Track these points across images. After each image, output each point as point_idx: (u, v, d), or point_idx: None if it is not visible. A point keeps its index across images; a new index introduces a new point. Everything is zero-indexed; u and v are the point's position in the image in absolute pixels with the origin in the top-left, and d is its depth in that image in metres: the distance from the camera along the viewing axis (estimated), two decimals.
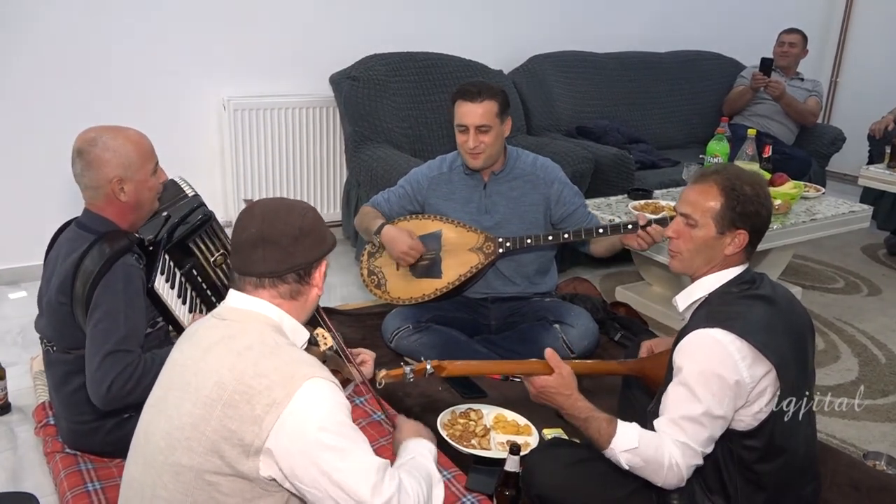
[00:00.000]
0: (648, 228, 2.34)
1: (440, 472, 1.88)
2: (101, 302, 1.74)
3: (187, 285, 2.06)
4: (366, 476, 1.23)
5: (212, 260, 2.09)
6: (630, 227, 2.38)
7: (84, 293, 1.75)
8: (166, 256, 1.98)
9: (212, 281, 2.10)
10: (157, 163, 1.89)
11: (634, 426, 1.58)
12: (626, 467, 1.56)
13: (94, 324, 1.73)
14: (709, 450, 1.57)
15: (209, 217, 2.09)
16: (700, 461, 1.56)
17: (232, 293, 1.39)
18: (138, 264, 1.82)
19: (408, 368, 1.75)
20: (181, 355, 1.37)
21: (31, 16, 3.03)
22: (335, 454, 1.22)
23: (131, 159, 1.81)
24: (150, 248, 1.92)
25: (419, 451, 1.51)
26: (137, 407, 1.44)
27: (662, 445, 1.53)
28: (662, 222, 2.34)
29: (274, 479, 1.26)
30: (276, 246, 1.34)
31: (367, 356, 1.95)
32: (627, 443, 1.54)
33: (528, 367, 1.76)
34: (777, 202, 2.99)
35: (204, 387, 1.26)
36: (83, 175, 1.81)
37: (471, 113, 2.41)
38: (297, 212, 1.37)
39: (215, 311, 1.41)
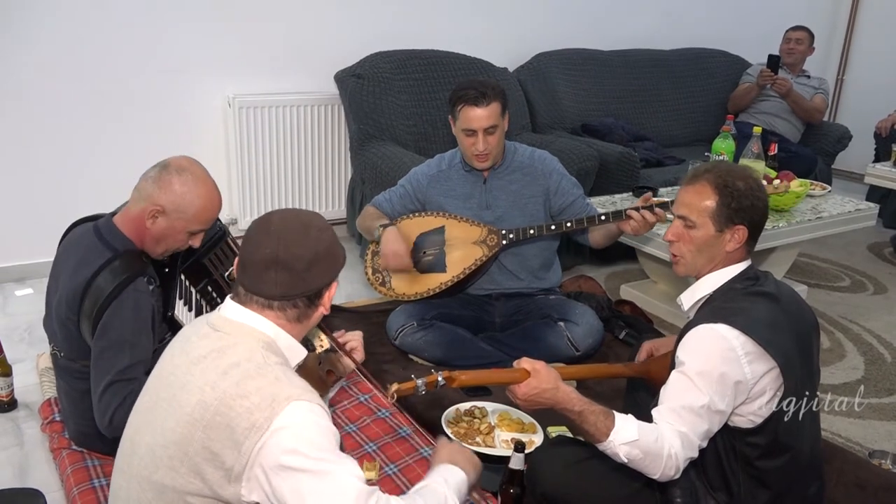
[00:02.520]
0: (643, 212, 2.35)
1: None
2: (108, 329, 1.72)
3: (202, 302, 2.05)
4: (345, 502, 1.17)
5: (226, 275, 2.07)
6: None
7: (93, 313, 1.73)
8: (182, 276, 1.97)
9: (226, 295, 2.09)
10: (203, 230, 1.84)
11: (631, 418, 1.54)
12: (625, 461, 1.52)
13: (100, 351, 1.73)
14: (704, 444, 1.56)
15: (224, 233, 2.07)
16: (696, 454, 1.55)
17: (229, 303, 1.34)
18: (149, 288, 1.80)
19: (419, 381, 1.73)
20: (171, 362, 1.33)
21: (36, 13, 3.03)
22: (315, 478, 1.17)
23: (187, 209, 1.76)
24: (167, 270, 1.90)
25: (440, 478, 1.36)
26: None
27: (662, 436, 1.51)
28: (664, 206, 2.36)
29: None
30: (290, 271, 1.29)
31: (355, 342, 1.88)
32: (628, 435, 1.50)
33: (508, 376, 1.62)
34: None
35: (187, 404, 1.23)
36: (146, 179, 1.78)
37: (479, 118, 2.41)
38: (314, 233, 1.31)
39: (210, 317, 1.36)
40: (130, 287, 1.74)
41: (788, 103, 4.35)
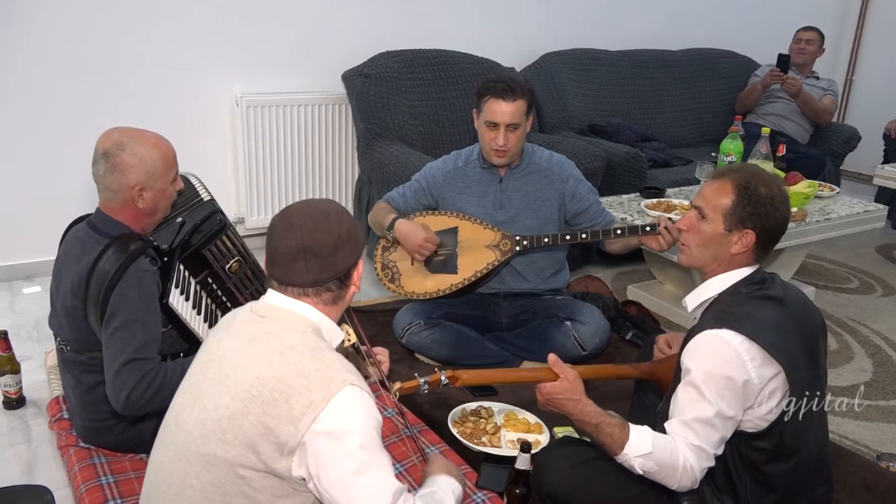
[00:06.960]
0: (668, 226, 2.34)
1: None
2: (117, 310, 1.73)
3: (202, 294, 2.05)
4: (382, 496, 1.26)
5: (227, 267, 2.07)
6: (647, 229, 2.39)
7: (99, 298, 1.74)
8: (181, 266, 1.97)
9: (227, 288, 2.09)
10: (177, 171, 1.90)
11: (647, 430, 1.57)
12: (640, 472, 1.55)
13: (111, 332, 1.73)
14: (720, 451, 1.56)
15: (224, 225, 2.07)
16: (712, 463, 1.55)
17: (271, 292, 1.41)
18: (152, 267, 1.82)
19: (422, 380, 1.74)
20: (218, 346, 1.39)
21: (44, 12, 3.04)
22: (359, 467, 1.25)
23: (156, 168, 1.81)
24: (166, 259, 1.91)
25: (443, 487, 1.50)
26: (158, 412, 1.44)
27: (676, 449, 1.53)
28: None
29: (304, 479, 1.28)
30: (318, 258, 1.36)
31: (382, 356, 1.93)
32: (641, 448, 1.54)
33: (534, 375, 1.75)
34: (793, 210, 2.96)
35: (244, 381, 1.28)
36: (105, 177, 1.80)
37: (503, 112, 2.41)
38: (334, 218, 1.38)
39: (254, 305, 1.42)
40: (133, 267, 1.76)
41: (798, 104, 4.33)
